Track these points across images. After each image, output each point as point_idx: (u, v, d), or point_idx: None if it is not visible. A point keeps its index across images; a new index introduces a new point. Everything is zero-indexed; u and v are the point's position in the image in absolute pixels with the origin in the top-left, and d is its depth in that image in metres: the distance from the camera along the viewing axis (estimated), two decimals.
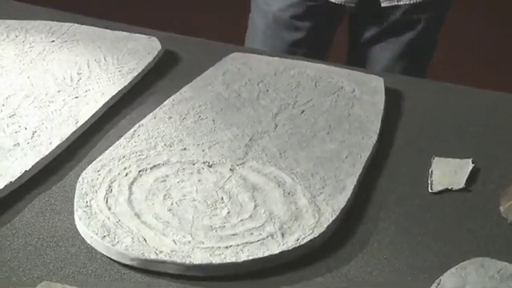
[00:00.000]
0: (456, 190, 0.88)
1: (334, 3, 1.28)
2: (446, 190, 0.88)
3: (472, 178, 0.91)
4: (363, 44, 1.37)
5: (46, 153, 0.88)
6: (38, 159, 0.87)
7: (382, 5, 1.27)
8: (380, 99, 1.03)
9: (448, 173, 0.91)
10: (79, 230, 0.79)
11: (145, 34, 1.17)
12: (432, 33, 1.35)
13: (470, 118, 1.04)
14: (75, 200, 0.81)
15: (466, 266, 0.76)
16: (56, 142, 0.90)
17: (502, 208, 0.85)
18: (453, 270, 0.76)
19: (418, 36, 1.33)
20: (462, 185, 0.89)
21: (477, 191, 0.89)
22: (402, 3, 1.26)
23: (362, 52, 1.37)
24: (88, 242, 0.77)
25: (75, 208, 0.80)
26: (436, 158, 0.93)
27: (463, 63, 2.40)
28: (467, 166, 0.92)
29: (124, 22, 1.26)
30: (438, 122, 1.03)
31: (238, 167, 0.88)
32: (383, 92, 1.05)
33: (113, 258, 0.75)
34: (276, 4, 1.33)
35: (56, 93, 1.00)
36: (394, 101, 1.06)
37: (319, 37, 1.37)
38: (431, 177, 0.90)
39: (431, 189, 0.88)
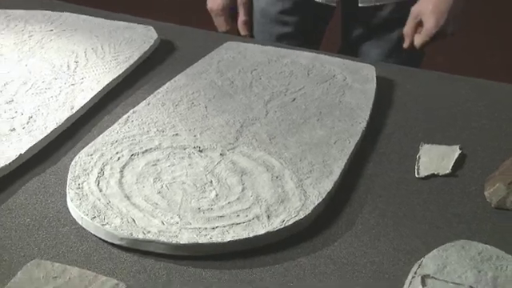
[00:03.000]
0: (442, 175, 0.90)
1: (318, 2, 1.29)
2: (433, 176, 0.90)
3: (459, 164, 0.92)
4: (353, 40, 1.38)
5: (41, 137, 0.90)
6: (32, 144, 0.89)
7: (360, 5, 1.27)
8: (371, 87, 1.05)
9: (435, 159, 0.92)
10: (70, 211, 0.81)
11: (142, 23, 1.20)
12: None
13: (460, 107, 1.06)
14: (67, 182, 0.83)
15: (447, 248, 0.78)
16: (51, 127, 0.92)
17: (486, 193, 0.87)
18: (435, 251, 0.77)
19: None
20: (448, 170, 0.90)
21: (463, 176, 0.90)
22: (379, 3, 1.26)
23: (353, 48, 1.38)
24: (79, 222, 0.79)
25: (67, 190, 0.82)
26: (424, 145, 0.95)
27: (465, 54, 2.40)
28: (454, 152, 0.93)
29: (122, 12, 1.28)
30: (427, 110, 1.04)
31: (228, 152, 0.90)
32: (374, 80, 1.07)
33: (102, 237, 0.77)
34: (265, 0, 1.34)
35: (53, 80, 1.03)
36: (385, 89, 1.08)
37: (308, 31, 1.38)
38: (418, 162, 0.92)
39: (418, 174, 0.90)
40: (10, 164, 0.85)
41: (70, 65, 1.07)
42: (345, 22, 1.39)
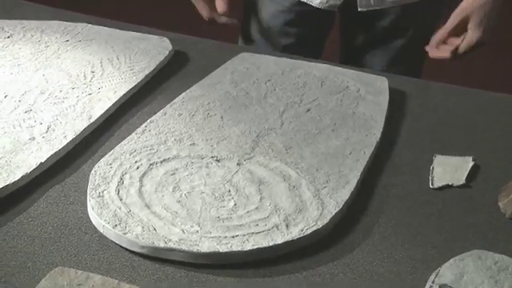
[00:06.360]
0: (456, 186, 0.91)
1: (322, 9, 1.29)
2: (447, 186, 0.91)
3: (472, 174, 0.93)
4: (353, 50, 1.39)
5: (60, 146, 0.92)
6: (52, 152, 0.90)
7: (359, 9, 1.28)
8: (384, 99, 1.06)
9: (449, 170, 0.94)
10: (92, 219, 0.82)
11: (157, 34, 1.21)
12: (421, 41, 1.33)
13: (473, 118, 1.07)
14: (88, 191, 0.84)
15: (464, 257, 0.79)
16: (70, 137, 0.93)
17: (500, 204, 0.88)
18: (451, 261, 0.78)
19: (406, 44, 1.34)
20: (462, 181, 0.92)
21: (477, 187, 0.92)
22: (378, 7, 1.27)
23: (353, 58, 1.39)
24: (100, 230, 0.80)
25: (88, 198, 0.83)
26: (438, 156, 0.96)
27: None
28: (468, 163, 0.95)
29: (136, 23, 1.29)
30: (440, 122, 1.06)
31: (245, 162, 0.91)
32: (387, 92, 1.08)
33: (124, 246, 0.78)
34: (267, 11, 1.35)
35: (70, 90, 1.04)
36: (398, 101, 1.09)
37: (310, 41, 1.39)
38: (432, 173, 0.93)
39: (432, 184, 0.91)
40: (30, 172, 0.87)
41: (87, 75, 1.08)
42: (344, 31, 1.40)
